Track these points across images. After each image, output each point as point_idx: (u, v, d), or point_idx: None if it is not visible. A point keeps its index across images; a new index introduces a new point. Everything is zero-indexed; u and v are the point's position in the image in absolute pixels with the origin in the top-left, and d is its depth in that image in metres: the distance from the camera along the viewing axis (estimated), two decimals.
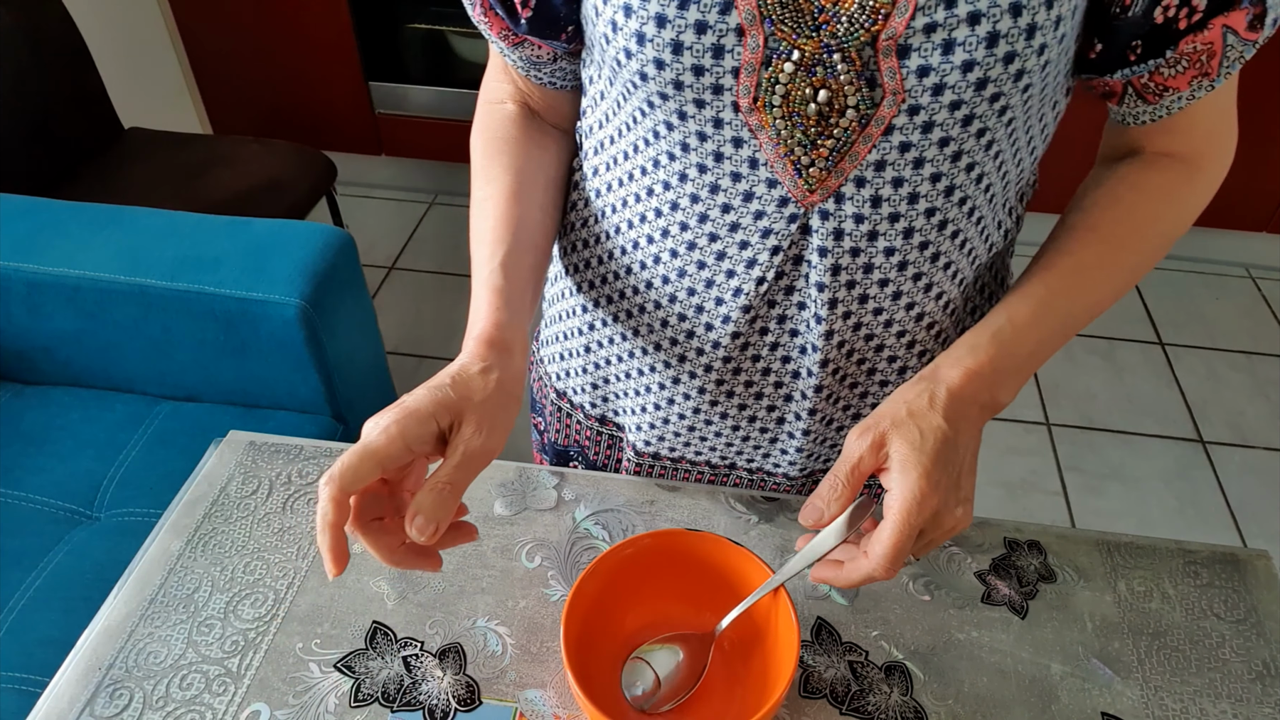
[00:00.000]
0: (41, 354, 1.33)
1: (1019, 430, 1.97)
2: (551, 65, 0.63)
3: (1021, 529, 0.69)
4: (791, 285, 0.59)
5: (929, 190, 0.54)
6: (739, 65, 0.50)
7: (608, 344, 0.70)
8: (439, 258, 2.40)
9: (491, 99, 0.68)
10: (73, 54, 1.80)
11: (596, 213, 0.65)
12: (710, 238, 0.58)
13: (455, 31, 2.24)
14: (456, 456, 0.50)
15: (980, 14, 0.47)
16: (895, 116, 0.50)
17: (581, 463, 0.82)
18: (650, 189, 0.59)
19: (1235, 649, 0.62)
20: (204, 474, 0.72)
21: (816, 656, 0.61)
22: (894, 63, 0.48)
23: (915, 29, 0.47)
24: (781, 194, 0.55)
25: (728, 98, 0.51)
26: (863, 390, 0.67)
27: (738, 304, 0.60)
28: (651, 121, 0.55)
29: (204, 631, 0.62)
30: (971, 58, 0.48)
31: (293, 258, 1.26)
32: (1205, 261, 2.43)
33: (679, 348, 0.65)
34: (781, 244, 0.57)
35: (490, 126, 0.67)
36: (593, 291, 0.68)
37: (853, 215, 0.55)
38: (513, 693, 0.59)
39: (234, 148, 1.91)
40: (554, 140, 0.67)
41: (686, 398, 0.68)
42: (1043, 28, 0.48)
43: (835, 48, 0.49)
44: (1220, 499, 1.85)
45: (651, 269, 0.63)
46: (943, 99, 0.49)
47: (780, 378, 0.65)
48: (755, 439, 0.70)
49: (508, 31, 0.60)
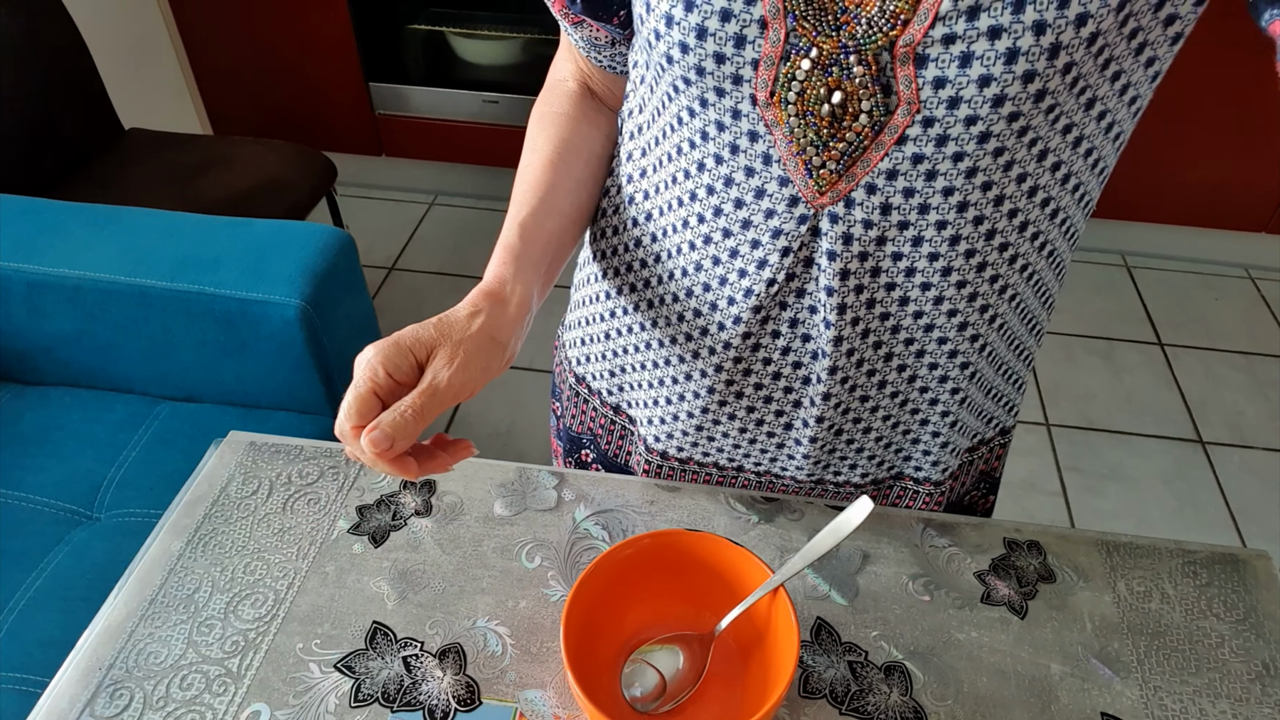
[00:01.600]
0: (41, 354, 1.33)
1: (1019, 430, 1.97)
2: (610, 49, 0.65)
3: (1021, 529, 0.69)
4: (803, 289, 0.59)
5: (941, 204, 0.54)
6: (759, 57, 0.50)
7: (626, 333, 0.70)
8: (439, 258, 2.40)
9: (555, 77, 0.71)
10: (73, 54, 1.80)
11: (625, 199, 0.66)
12: (724, 233, 0.59)
13: (455, 32, 2.25)
14: (424, 384, 0.52)
15: (1001, 29, 0.46)
16: (909, 127, 0.50)
17: (593, 451, 0.82)
18: (674, 177, 0.60)
19: (1235, 649, 0.62)
20: (204, 474, 0.72)
21: (816, 656, 0.61)
22: (910, 71, 0.48)
23: (933, 39, 0.47)
24: (793, 193, 0.55)
25: (746, 89, 0.52)
26: (874, 405, 0.66)
27: (749, 304, 0.60)
28: (676, 107, 0.56)
29: (204, 632, 0.62)
30: (989, 73, 0.47)
31: (293, 258, 1.26)
32: (1205, 262, 2.43)
33: (693, 344, 0.65)
34: (791, 245, 0.57)
35: (547, 100, 0.70)
36: (616, 279, 0.69)
37: (862, 220, 0.55)
38: (513, 693, 0.59)
39: (234, 148, 1.91)
40: (607, 120, 0.69)
41: (696, 396, 0.68)
42: (1069, 47, 0.46)
43: (852, 49, 0.49)
44: (1220, 499, 1.85)
45: (670, 260, 0.63)
46: (958, 113, 0.49)
47: (790, 382, 0.65)
48: (762, 443, 0.70)
49: (566, 10, 0.62)
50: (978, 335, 0.62)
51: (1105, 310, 2.30)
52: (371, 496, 0.71)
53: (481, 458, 0.71)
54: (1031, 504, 1.83)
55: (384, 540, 0.68)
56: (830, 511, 0.70)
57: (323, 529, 0.68)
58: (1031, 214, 0.56)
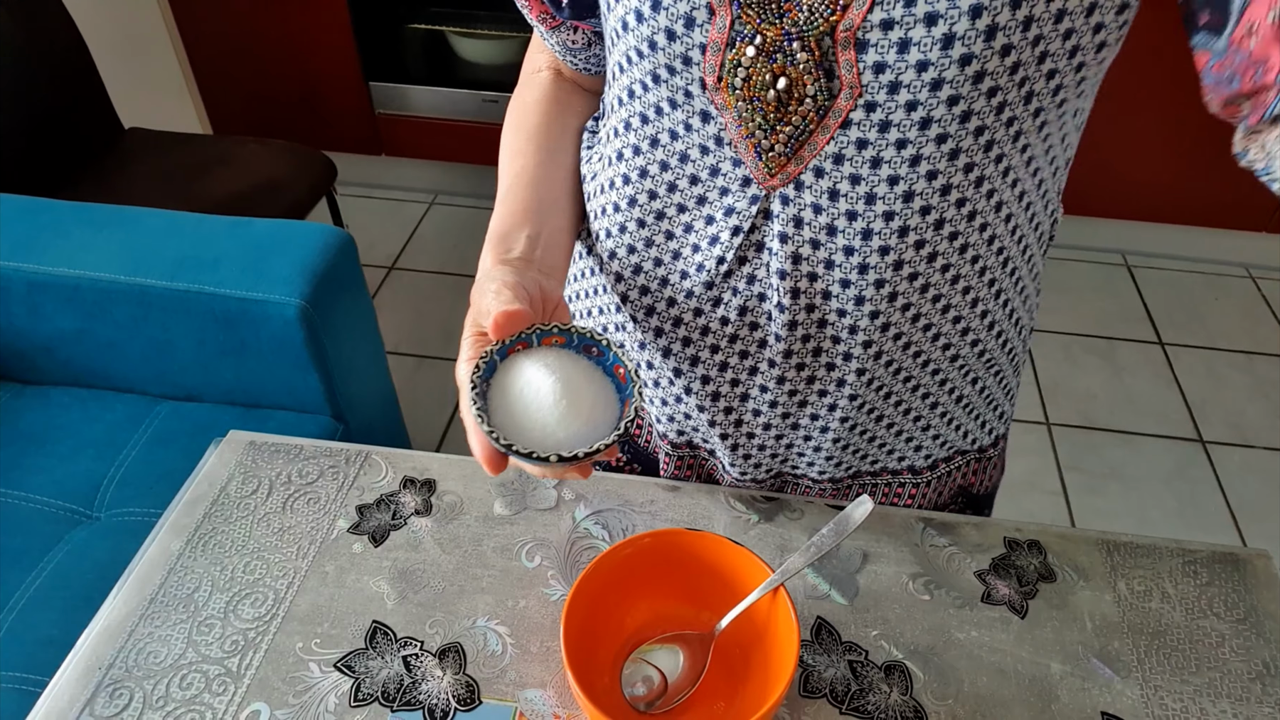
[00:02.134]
0: (41, 354, 1.33)
1: (1019, 430, 1.97)
2: (585, 52, 0.66)
3: (1021, 529, 0.69)
4: (753, 275, 0.59)
5: (886, 193, 0.54)
6: (706, 42, 0.51)
7: (601, 312, 0.71)
8: (439, 258, 2.40)
9: (529, 69, 0.72)
10: (73, 54, 1.80)
11: (590, 173, 0.68)
12: (679, 208, 0.60)
13: (455, 31, 2.25)
14: None
15: (937, 15, 0.46)
16: (852, 110, 0.51)
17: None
18: (620, 153, 0.61)
19: (1235, 648, 0.62)
20: (204, 474, 0.72)
21: (816, 656, 0.61)
22: (851, 56, 0.49)
23: (872, 24, 0.47)
24: (744, 174, 0.56)
25: (695, 72, 0.53)
26: (832, 402, 0.64)
27: (701, 279, 0.61)
28: (628, 79, 0.57)
29: (204, 631, 0.62)
30: (926, 58, 0.48)
31: (293, 258, 1.26)
32: (1205, 261, 2.43)
33: (654, 319, 0.65)
34: (742, 224, 0.57)
35: (522, 95, 0.71)
36: (590, 258, 0.70)
37: (811, 204, 0.55)
38: (513, 693, 0.59)
39: (234, 148, 1.91)
40: (582, 100, 0.71)
41: (671, 382, 0.68)
42: (1005, 29, 0.47)
43: (795, 36, 0.49)
44: (1220, 499, 1.85)
45: (619, 237, 0.64)
46: (898, 98, 0.50)
47: (737, 374, 0.65)
48: (722, 425, 0.69)
49: (547, 15, 0.63)
50: (930, 325, 0.61)
51: (1106, 310, 2.30)
52: (371, 496, 0.71)
53: None
54: (1031, 503, 1.83)
55: (384, 540, 0.68)
56: (830, 511, 0.70)
57: (322, 528, 0.68)
58: (979, 204, 0.56)
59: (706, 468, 0.75)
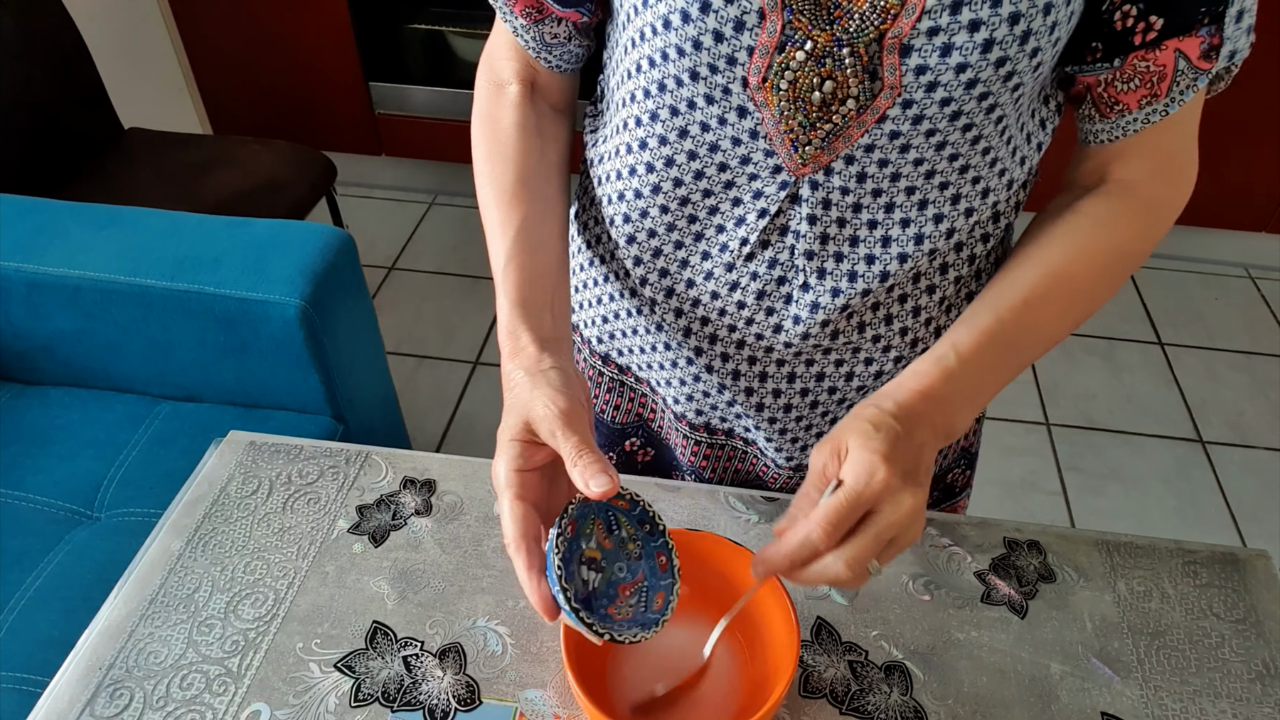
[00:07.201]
0: (41, 354, 1.33)
1: (1019, 430, 1.97)
2: (562, 47, 0.65)
3: (1021, 529, 0.69)
4: (775, 258, 0.61)
5: (911, 171, 0.57)
6: (754, 45, 0.52)
7: (618, 297, 0.71)
8: (439, 258, 2.40)
9: (495, 79, 0.69)
10: (73, 54, 1.80)
11: (596, 156, 0.68)
12: (704, 193, 0.61)
13: (455, 31, 2.25)
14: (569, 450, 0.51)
15: (980, 22, 0.49)
16: (890, 108, 0.53)
17: (640, 436, 0.82)
18: (643, 141, 0.61)
19: (1235, 649, 0.62)
20: (204, 474, 0.72)
21: (816, 656, 0.61)
22: (895, 60, 0.51)
23: (919, 31, 0.50)
24: (776, 163, 0.57)
25: (739, 71, 0.54)
26: (841, 396, 0.68)
27: (723, 260, 0.62)
28: (659, 74, 0.57)
29: (204, 631, 0.62)
30: (966, 60, 0.50)
31: (293, 258, 1.26)
32: (1205, 261, 2.43)
33: (674, 299, 0.66)
34: (769, 208, 0.59)
35: (493, 114, 0.67)
36: (599, 247, 0.70)
37: (839, 188, 0.58)
38: (513, 693, 0.59)
39: (234, 148, 1.91)
40: (554, 124, 0.69)
41: (690, 362, 0.69)
42: (1037, 33, 0.50)
43: (846, 42, 0.51)
44: (1220, 499, 1.85)
45: (639, 222, 0.64)
46: (935, 95, 0.52)
47: (754, 352, 0.66)
48: (741, 403, 0.71)
49: (533, 8, 0.62)
50: (944, 297, 0.64)
51: (1105, 309, 2.29)
52: (371, 496, 0.71)
53: (481, 457, 0.71)
54: (1031, 504, 1.83)
55: (384, 540, 0.68)
56: None
57: (323, 529, 0.68)
58: (982, 170, 0.59)
59: (735, 457, 0.76)
